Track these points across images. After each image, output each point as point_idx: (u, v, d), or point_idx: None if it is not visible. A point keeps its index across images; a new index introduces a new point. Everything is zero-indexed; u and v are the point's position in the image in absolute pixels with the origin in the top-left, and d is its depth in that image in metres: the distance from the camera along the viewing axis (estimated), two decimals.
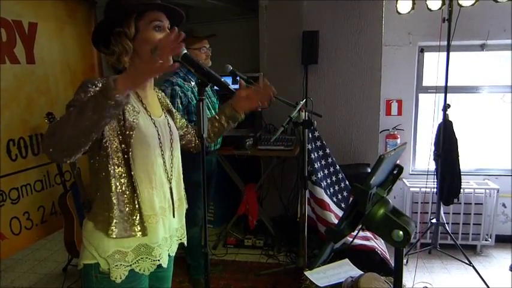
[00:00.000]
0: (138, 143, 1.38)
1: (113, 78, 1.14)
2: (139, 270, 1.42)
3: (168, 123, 1.56)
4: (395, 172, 1.26)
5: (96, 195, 1.39)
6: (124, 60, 1.39)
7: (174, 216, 1.55)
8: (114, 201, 1.36)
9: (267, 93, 1.71)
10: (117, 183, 1.36)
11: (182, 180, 1.63)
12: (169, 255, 1.55)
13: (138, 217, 1.39)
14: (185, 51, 1.45)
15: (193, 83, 2.85)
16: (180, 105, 2.75)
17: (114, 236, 1.35)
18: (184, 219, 1.66)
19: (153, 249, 1.44)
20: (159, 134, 1.47)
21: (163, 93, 1.69)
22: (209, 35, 2.98)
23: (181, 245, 1.67)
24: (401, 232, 1.11)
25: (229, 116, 1.75)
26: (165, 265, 1.50)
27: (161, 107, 1.60)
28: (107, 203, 1.36)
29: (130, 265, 1.40)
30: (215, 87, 3.07)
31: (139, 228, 1.39)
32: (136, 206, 1.39)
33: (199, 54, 2.88)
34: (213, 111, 3.01)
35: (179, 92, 2.75)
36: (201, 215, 3.03)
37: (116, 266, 1.37)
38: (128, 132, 1.35)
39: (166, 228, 1.51)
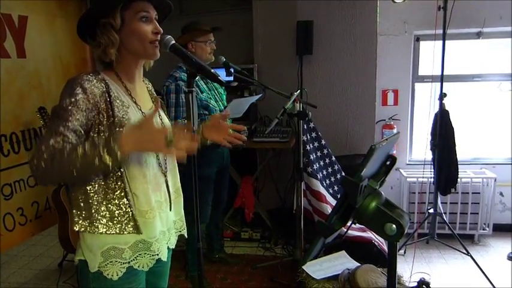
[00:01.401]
0: None
1: (118, 137, 1.20)
2: (138, 266, 1.40)
3: (159, 115, 1.53)
4: (388, 163, 1.23)
5: (79, 193, 1.36)
6: (110, 53, 1.35)
7: (170, 210, 1.53)
8: (99, 199, 1.34)
9: (232, 136, 1.74)
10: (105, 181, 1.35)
11: (178, 172, 1.59)
12: (168, 248, 1.54)
13: (130, 214, 1.36)
14: (173, 41, 1.42)
15: (197, 77, 2.81)
16: (185, 100, 2.72)
17: (101, 232, 1.34)
18: (182, 210, 1.63)
19: (151, 244, 1.41)
20: None
21: (151, 85, 1.65)
22: (214, 27, 2.92)
23: (181, 238, 1.65)
24: (394, 225, 1.08)
25: None
26: (164, 259, 1.48)
27: (151, 99, 1.56)
28: (91, 202, 1.34)
29: (129, 262, 1.38)
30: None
31: (132, 224, 1.36)
32: (127, 203, 1.36)
33: (205, 48, 2.83)
34: (220, 103, 2.97)
35: (183, 86, 2.70)
36: (208, 211, 3.02)
37: (111, 262, 1.35)
38: (117, 129, 1.32)
39: (164, 222, 1.49)
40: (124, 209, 1.36)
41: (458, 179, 3.44)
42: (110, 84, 1.37)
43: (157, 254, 1.44)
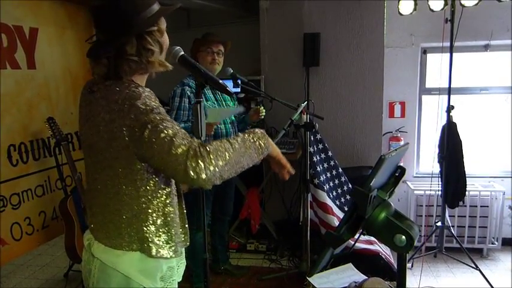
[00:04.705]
0: None
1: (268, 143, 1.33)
2: (178, 278, 1.43)
3: None
4: (397, 174, 1.23)
5: (145, 219, 1.28)
6: (160, 61, 1.31)
7: None
8: (175, 216, 1.33)
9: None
10: (175, 199, 1.35)
11: None
12: None
13: (184, 227, 1.39)
14: (182, 52, 1.44)
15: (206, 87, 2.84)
16: (188, 105, 2.77)
17: (175, 255, 1.33)
18: None
19: (183, 253, 1.44)
20: None
21: None
22: (224, 40, 2.94)
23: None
24: (403, 237, 1.07)
25: None
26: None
27: None
28: (168, 221, 1.31)
29: (176, 277, 1.39)
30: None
31: (186, 237, 1.40)
32: (183, 216, 1.39)
33: (206, 57, 2.87)
34: None
35: (188, 91, 2.78)
36: (207, 220, 3.01)
37: (170, 283, 1.34)
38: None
39: None
40: (182, 224, 1.38)
41: (466, 192, 3.41)
42: None
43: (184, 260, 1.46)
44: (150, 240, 1.27)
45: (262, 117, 3.04)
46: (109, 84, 1.25)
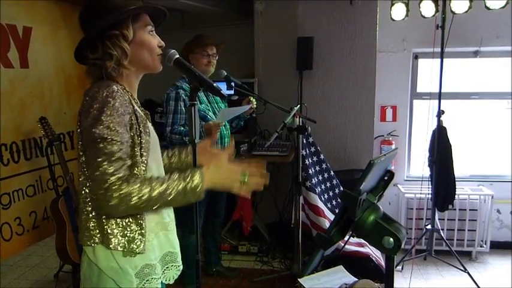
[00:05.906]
0: (151, 150, 1.35)
1: (201, 178, 1.23)
2: (166, 280, 1.40)
3: (147, 128, 1.45)
4: (386, 178, 1.25)
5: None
6: (123, 65, 1.30)
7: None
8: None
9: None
10: None
11: None
12: None
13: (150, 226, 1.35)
14: (177, 55, 1.45)
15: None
16: (184, 108, 2.78)
17: (139, 251, 1.28)
18: None
19: (177, 255, 1.42)
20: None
21: None
22: (218, 42, 2.95)
23: None
24: (391, 239, 1.10)
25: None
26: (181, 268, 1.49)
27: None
28: (137, 217, 1.29)
29: (160, 277, 1.36)
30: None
31: (144, 240, 1.33)
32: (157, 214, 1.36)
33: (200, 59, 2.88)
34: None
35: (183, 95, 2.79)
36: (200, 223, 3.01)
37: (148, 280, 1.30)
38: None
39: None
40: (155, 220, 1.35)
41: (456, 196, 3.45)
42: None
43: (181, 265, 1.45)
44: (109, 232, 1.25)
45: (255, 106, 3.01)
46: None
